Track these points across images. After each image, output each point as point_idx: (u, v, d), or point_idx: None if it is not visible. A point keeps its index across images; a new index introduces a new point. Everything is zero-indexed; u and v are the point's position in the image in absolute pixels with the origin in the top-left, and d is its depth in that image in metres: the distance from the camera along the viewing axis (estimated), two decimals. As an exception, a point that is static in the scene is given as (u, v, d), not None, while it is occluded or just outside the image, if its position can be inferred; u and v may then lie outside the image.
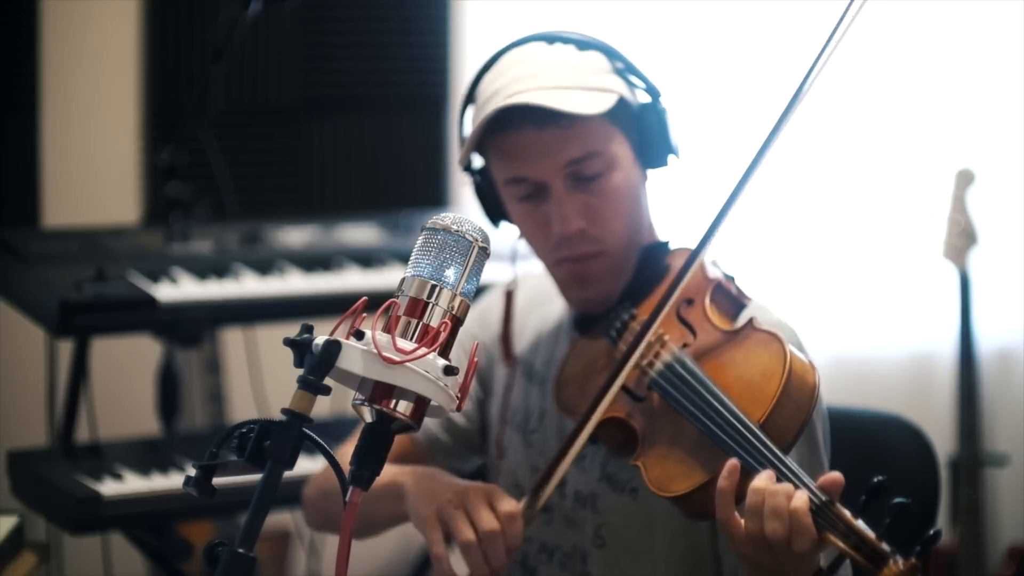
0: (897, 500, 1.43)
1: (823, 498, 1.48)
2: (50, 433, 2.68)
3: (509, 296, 1.97)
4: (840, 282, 3.68)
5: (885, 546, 1.43)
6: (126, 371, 3.36)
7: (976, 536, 3.19)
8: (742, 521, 1.53)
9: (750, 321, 1.72)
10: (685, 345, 1.72)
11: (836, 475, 1.52)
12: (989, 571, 3.34)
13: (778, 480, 1.52)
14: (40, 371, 2.69)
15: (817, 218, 3.68)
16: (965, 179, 3.24)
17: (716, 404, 1.61)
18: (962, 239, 3.22)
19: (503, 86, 1.81)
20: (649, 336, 1.71)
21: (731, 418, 1.59)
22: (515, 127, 1.80)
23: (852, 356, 3.68)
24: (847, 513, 1.47)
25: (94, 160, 3.73)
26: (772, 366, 1.62)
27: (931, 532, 1.42)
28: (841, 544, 1.45)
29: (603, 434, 1.75)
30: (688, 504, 1.61)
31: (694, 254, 1.74)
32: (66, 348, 2.70)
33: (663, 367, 1.70)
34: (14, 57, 3.62)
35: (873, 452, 2.01)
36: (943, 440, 3.28)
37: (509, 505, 1.71)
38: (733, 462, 1.55)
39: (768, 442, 1.55)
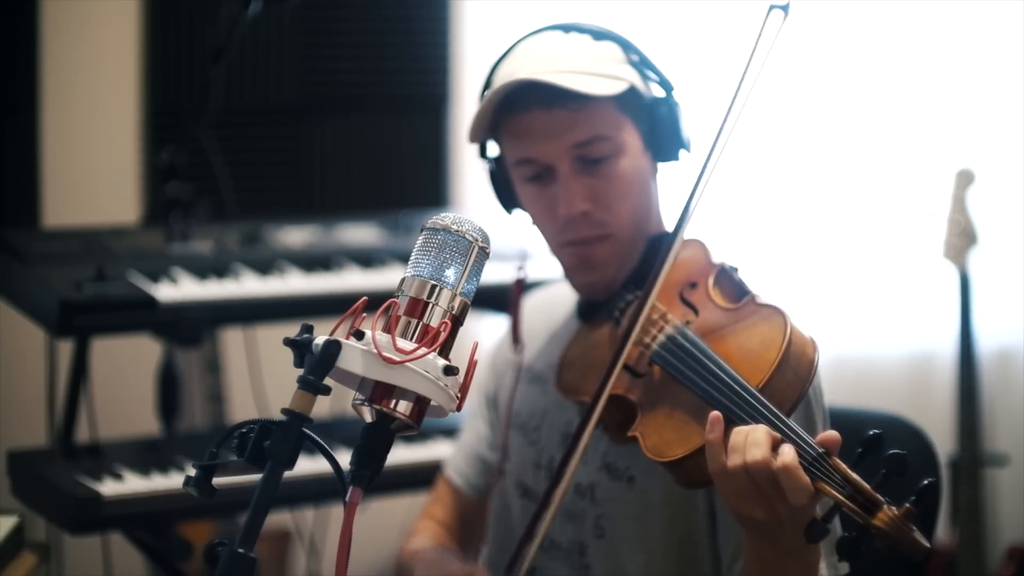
0: (892, 451, 1.44)
1: (819, 450, 1.48)
2: (50, 433, 2.68)
3: (519, 284, 1.98)
4: (840, 282, 3.68)
5: (879, 495, 1.44)
6: (126, 371, 3.36)
7: (976, 536, 3.19)
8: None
9: (752, 297, 1.73)
10: (688, 323, 1.73)
11: (833, 433, 1.52)
12: (989, 571, 3.34)
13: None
14: (40, 371, 2.69)
15: (817, 218, 3.68)
16: (965, 179, 3.24)
17: (715, 369, 1.62)
18: (962, 239, 3.21)
19: (516, 68, 1.84)
20: (650, 311, 1.74)
21: (730, 381, 1.60)
22: (524, 108, 1.83)
23: (852, 356, 3.68)
24: (842, 464, 1.47)
25: (94, 160, 3.73)
26: (772, 335, 1.64)
27: (925, 482, 1.42)
28: (836, 494, 1.45)
29: (604, 414, 1.76)
30: (684, 470, 1.62)
31: (674, 232, 1.76)
32: (66, 348, 2.69)
33: (665, 339, 1.71)
34: (14, 57, 3.62)
35: (873, 452, 2.00)
36: (943, 440, 3.28)
37: None
38: (715, 414, 1.55)
39: (767, 402, 1.56)
